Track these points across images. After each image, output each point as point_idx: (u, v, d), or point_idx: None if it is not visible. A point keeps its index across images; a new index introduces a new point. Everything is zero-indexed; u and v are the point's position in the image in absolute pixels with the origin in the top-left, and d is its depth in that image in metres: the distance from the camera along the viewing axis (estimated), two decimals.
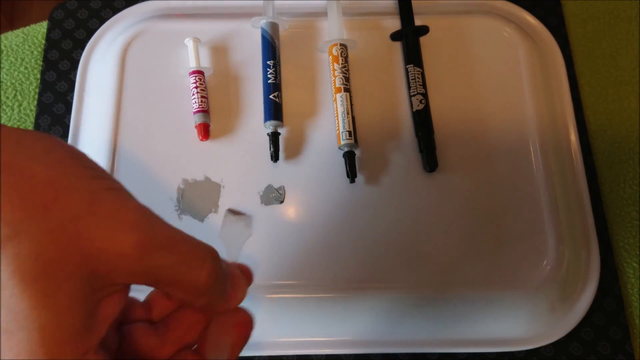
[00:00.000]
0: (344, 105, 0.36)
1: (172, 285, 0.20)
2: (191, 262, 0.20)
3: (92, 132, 0.37)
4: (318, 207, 0.35)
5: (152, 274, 0.19)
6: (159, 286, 0.21)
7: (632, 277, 0.36)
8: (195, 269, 0.20)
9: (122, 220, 0.19)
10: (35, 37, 0.42)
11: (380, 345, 0.33)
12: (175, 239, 0.20)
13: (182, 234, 0.21)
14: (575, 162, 0.37)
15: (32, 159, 0.18)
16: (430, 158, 0.35)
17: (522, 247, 0.34)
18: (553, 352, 0.34)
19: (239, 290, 0.23)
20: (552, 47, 0.40)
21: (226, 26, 0.39)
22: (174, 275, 0.20)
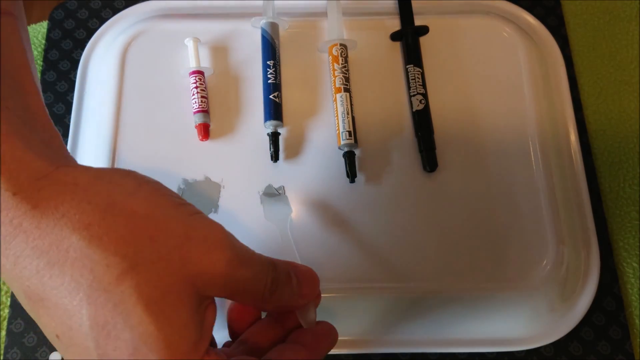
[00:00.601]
0: (344, 105, 0.36)
1: (245, 294, 0.23)
2: (261, 274, 0.23)
3: (92, 132, 0.37)
4: (318, 207, 0.35)
5: (234, 286, 0.22)
6: (236, 297, 0.23)
7: (632, 277, 0.36)
8: (264, 278, 0.23)
9: (214, 241, 0.21)
10: (35, 37, 0.42)
11: (380, 345, 0.33)
12: (249, 253, 0.23)
13: (250, 249, 0.23)
14: (575, 162, 0.37)
15: (128, 196, 0.20)
16: (430, 158, 0.35)
17: (522, 247, 0.34)
18: (553, 352, 0.34)
19: (305, 285, 0.25)
20: (552, 47, 0.40)
21: (226, 26, 0.39)
22: (249, 286, 0.22)
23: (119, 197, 0.20)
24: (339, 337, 0.33)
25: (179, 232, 0.20)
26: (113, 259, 0.19)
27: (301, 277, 0.25)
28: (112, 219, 0.19)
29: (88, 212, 0.19)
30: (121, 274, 0.19)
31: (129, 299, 0.18)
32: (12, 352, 0.33)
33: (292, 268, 0.25)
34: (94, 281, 0.18)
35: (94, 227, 0.19)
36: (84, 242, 0.19)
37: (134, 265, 0.19)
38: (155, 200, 0.21)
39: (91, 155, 0.36)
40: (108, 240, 0.19)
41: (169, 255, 0.20)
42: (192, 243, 0.20)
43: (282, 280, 0.24)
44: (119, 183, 0.21)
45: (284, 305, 0.24)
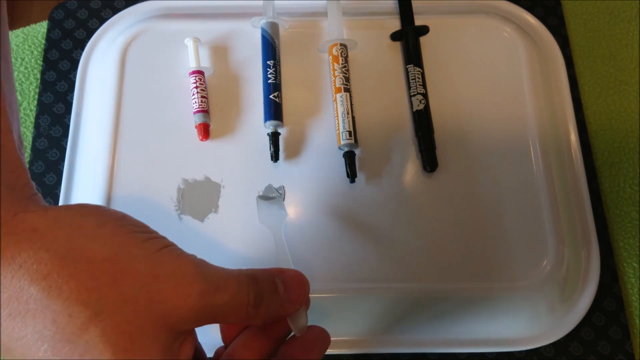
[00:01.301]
0: (344, 105, 0.36)
1: (227, 317, 0.22)
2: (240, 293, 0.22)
3: (92, 132, 0.37)
4: (318, 207, 0.35)
5: (213, 314, 0.21)
6: (217, 322, 0.22)
7: (632, 277, 0.36)
8: (244, 297, 0.22)
9: (182, 276, 0.20)
10: (35, 37, 0.42)
11: (380, 345, 0.33)
12: (224, 276, 0.22)
13: (226, 269, 0.23)
14: (575, 162, 0.37)
15: (88, 239, 0.20)
16: (430, 158, 0.35)
17: (522, 247, 0.34)
18: (553, 352, 0.34)
19: (293, 290, 0.24)
20: (552, 47, 0.40)
21: (226, 26, 0.39)
22: (229, 309, 0.22)
23: (79, 241, 0.19)
24: (340, 338, 0.33)
25: (144, 272, 0.20)
26: (75, 308, 0.18)
27: (289, 282, 0.24)
28: (72, 266, 0.19)
29: (46, 261, 0.18)
30: (85, 323, 0.18)
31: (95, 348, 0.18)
32: None
33: (278, 275, 0.24)
34: (57, 332, 0.18)
35: (52, 276, 0.18)
36: (43, 293, 0.18)
37: (97, 313, 0.18)
38: (118, 240, 0.20)
39: (91, 155, 0.36)
40: (68, 289, 0.18)
41: (135, 297, 0.19)
42: (159, 281, 0.20)
43: (266, 291, 0.23)
44: (79, 225, 0.20)
45: (274, 316, 0.23)
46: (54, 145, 0.38)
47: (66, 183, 0.36)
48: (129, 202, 0.35)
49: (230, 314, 0.22)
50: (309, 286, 0.25)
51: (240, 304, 0.22)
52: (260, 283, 0.23)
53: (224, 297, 0.21)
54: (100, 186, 0.35)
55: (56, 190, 0.37)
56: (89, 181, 0.35)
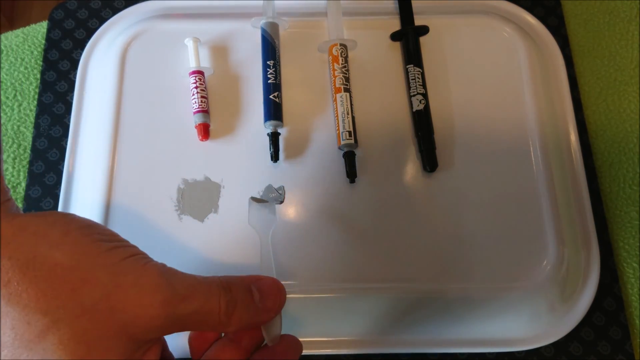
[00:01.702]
0: (344, 105, 0.36)
1: (198, 326, 0.22)
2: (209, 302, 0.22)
3: (92, 132, 0.37)
4: (318, 207, 0.35)
5: (180, 322, 0.21)
6: (187, 330, 0.22)
7: (632, 277, 0.36)
8: (214, 306, 0.22)
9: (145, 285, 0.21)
10: (35, 37, 0.42)
11: (380, 345, 0.33)
12: (192, 285, 0.22)
13: (195, 277, 0.23)
14: (575, 162, 0.37)
15: (51, 248, 0.20)
16: (430, 158, 0.35)
17: (522, 247, 0.34)
18: (553, 352, 0.34)
19: (269, 298, 0.24)
20: (552, 47, 0.40)
21: (226, 26, 0.39)
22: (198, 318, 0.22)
23: (42, 250, 0.20)
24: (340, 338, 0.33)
25: (105, 281, 0.20)
26: (33, 316, 0.18)
27: (265, 290, 0.24)
28: (32, 274, 0.19)
29: (7, 269, 0.19)
30: (42, 331, 0.18)
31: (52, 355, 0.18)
32: None
33: (254, 282, 0.24)
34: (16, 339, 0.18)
35: (12, 283, 0.19)
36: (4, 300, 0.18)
37: (55, 321, 0.19)
38: (81, 249, 0.20)
39: (91, 155, 0.36)
40: (27, 296, 0.19)
41: (95, 306, 0.19)
42: (121, 290, 0.20)
43: (239, 299, 0.23)
44: (44, 234, 0.20)
45: (248, 324, 0.23)
46: (54, 145, 0.38)
47: (66, 183, 0.36)
48: (129, 202, 0.35)
49: (200, 322, 0.22)
50: (285, 294, 0.25)
51: (211, 312, 0.22)
52: (234, 290, 0.23)
53: (191, 305, 0.21)
54: (100, 186, 0.35)
55: (56, 190, 0.37)
56: (89, 181, 0.35)
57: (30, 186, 0.37)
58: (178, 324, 0.21)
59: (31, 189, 0.37)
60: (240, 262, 0.33)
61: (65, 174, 0.36)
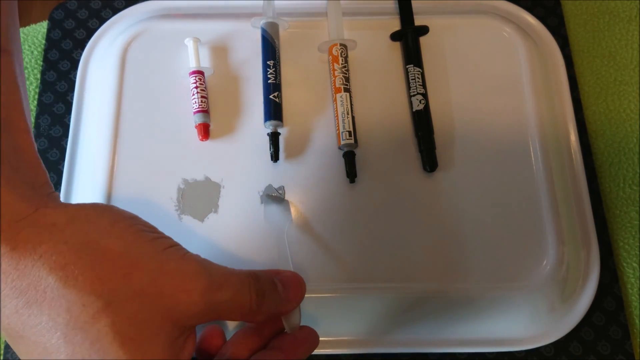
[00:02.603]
0: (344, 105, 0.36)
1: (231, 313, 0.23)
2: (242, 291, 0.23)
3: (92, 132, 0.37)
4: (318, 207, 0.35)
5: (216, 310, 0.22)
6: (221, 318, 0.23)
7: (632, 277, 0.36)
8: (246, 295, 0.23)
9: (187, 272, 0.22)
10: (35, 37, 0.42)
11: (380, 345, 0.33)
12: (226, 275, 0.23)
13: (228, 268, 0.24)
14: (575, 162, 0.37)
15: (103, 234, 0.21)
16: (430, 158, 0.35)
17: (522, 247, 0.34)
18: (553, 352, 0.34)
19: (291, 289, 0.26)
20: (552, 47, 0.40)
21: (226, 26, 0.39)
22: (232, 306, 0.23)
23: (95, 236, 0.21)
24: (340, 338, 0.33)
25: (152, 267, 0.21)
26: (88, 298, 0.19)
27: (286, 282, 0.26)
28: (87, 259, 0.20)
29: (64, 253, 0.20)
30: (97, 313, 0.19)
31: (105, 337, 0.19)
32: None
33: (275, 275, 0.26)
34: (71, 320, 0.19)
35: (70, 267, 0.20)
36: (60, 283, 0.19)
37: (109, 303, 0.19)
38: (129, 237, 0.22)
39: (91, 155, 0.36)
40: (83, 279, 0.19)
41: (143, 290, 0.20)
42: (166, 277, 0.21)
43: (267, 289, 0.24)
44: (95, 222, 0.21)
45: (273, 313, 0.25)
46: (54, 145, 0.38)
47: (66, 183, 0.36)
48: (129, 202, 0.35)
49: (233, 310, 0.23)
50: (305, 286, 0.26)
51: (243, 301, 0.23)
52: (262, 281, 0.24)
53: (227, 293, 0.22)
54: (100, 186, 0.35)
55: (56, 190, 0.37)
56: (89, 181, 0.35)
57: None
58: (215, 311, 0.22)
59: None
60: (241, 262, 0.33)
61: (65, 174, 0.36)
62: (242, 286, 0.23)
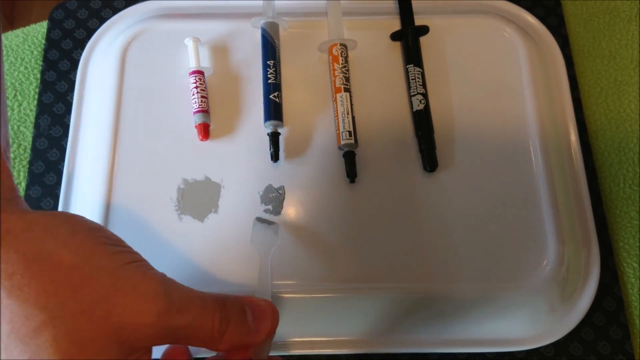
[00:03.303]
0: (344, 105, 0.36)
1: (190, 339, 0.22)
2: (204, 317, 0.22)
3: (92, 132, 0.37)
4: (318, 207, 0.35)
5: (173, 334, 0.21)
6: (179, 342, 0.22)
7: (632, 277, 0.36)
8: (208, 321, 0.22)
9: (144, 292, 0.21)
10: (35, 37, 0.42)
11: (380, 345, 0.33)
12: (189, 298, 0.22)
13: (193, 291, 0.23)
14: (575, 162, 0.37)
15: (58, 245, 0.20)
16: (430, 158, 0.35)
17: (522, 247, 0.34)
18: (553, 352, 0.34)
19: (262, 320, 0.24)
20: (552, 47, 0.40)
21: (226, 26, 0.39)
22: (192, 331, 0.22)
23: (49, 247, 0.20)
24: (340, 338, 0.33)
25: (106, 283, 0.20)
26: (32, 310, 0.19)
27: (258, 312, 0.24)
28: (36, 269, 0.19)
29: (13, 262, 0.19)
30: (39, 327, 0.18)
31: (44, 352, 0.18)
32: None
33: (247, 303, 0.25)
34: (12, 332, 0.18)
35: (16, 276, 0.19)
36: (5, 292, 0.19)
37: (52, 318, 0.19)
38: (86, 249, 0.21)
39: (91, 155, 0.36)
40: (29, 291, 0.19)
41: (92, 307, 0.20)
42: (119, 294, 0.20)
43: (233, 318, 0.23)
44: (52, 231, 0.21)
45: (239, 344, 0.24)
46: (54, 145, 0.38)
47: (66, 183, 0.36)
48: (129, 202, 0.35)
49: (193, 336, 0.22)
50: (277, 319, 0.25)
51: (205, 327, 0.22)
52: (229, 309, 0.23)
53: (186, 318, 0.21)
54: (100, 186, 0.35)
55: (56, 190, 0.37)
56: (89, 181, 0.35)
57: (30, 186, 0.37)
58: (171, 335, 0.21)
59: (31, 188, 0.37)
60: (241, 262, 0.33)
61: (65, 174, 0.36)
62: (205, 311, 0.22)
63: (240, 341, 0.23)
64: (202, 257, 0.33)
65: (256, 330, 0.24)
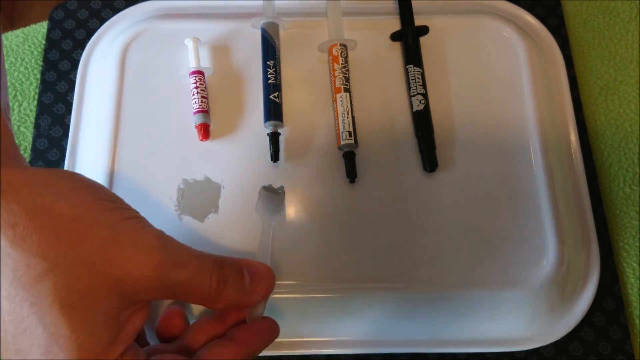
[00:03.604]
0: (344, 105, 0.36)
1: (188, 295, 0.23)
2: (201, 274, 0.23)
3: (92, 132, 0.37)
4: (318, 207, 0.35)
5: (171, 289, 0.22)
6: (176, 298, 0.23)
7: (632, 277, 0.36)
8: (205, 279, 0.23)
9: (142, 245, 0.21)
10: (35, 37, 0.42)
11: (380, 345, 0.33)
12: (187, 255, 0.23)
13: (191, 249, 0.23)
14: (575, 162, 0.37)
15: (59, 198, 0.21)
16: (430, 158, 0.35)
17: (522, 247, 0.34)
18: (553, 352, 0.34)
19: (259, 282, 0.25)
20: (552, 47, 0.40)
21: (226, 26, 0.39)
22: (189, 287, 0.22)
23: (50, 199, 0.20)
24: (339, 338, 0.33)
25: (105, 236, 0.21)
26: (34, 259, 0.19)
27: (255, 274, 0.25)
28: (38, 221, 0.20)
29: (15, 212, 0.20)
30: (40, 275, 0.19)
31: (45, 300, 0.19)
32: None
33: (245, 265, 0.25)
34: (14, 279, 0.19)
35: (19, 227, 0.19)
36: (7, 241, 0.19)
37: (53, 267, 0.19)
38: (87, 203, 0.21)
39: (91, 155, 0.36)
40: (31, 240, 0.19)
41: (91, 258, 0.20)
42: (118, 247, 0.21)
43: (231, 278, 0.24)
44: (53, 185, 0.21)
45: (235, 303, 0.24)
46: (54, 145, 0.38)
47: None
48: (129, 202, 0.34)
49: (190, 292, 0.23)
50: (274, 282, 0.26)
51: (202, 285, 0.23)
52: (226, 269, 0.24)
53: (184, 274, 0.22)
54: None
55: None
56: None
57: None
58: (168, 289, 0.22)
59: None
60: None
61: None
62: (203, 269, 0.23)
63: (236, 301, 0.24)
64: None
65: (252, 291, 0.25)
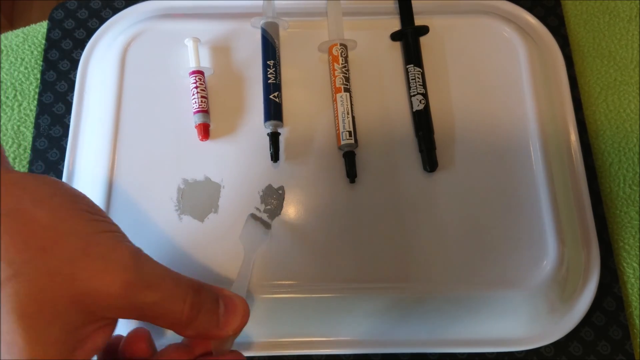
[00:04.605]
0: (344, 105, 0.36)
1: (157, 319, 0.22)
2: (174, 298, 0.22)
3: (92, 132, 0.37)
4: (318, 207, 0.35)
5: (139, 310, 0.21)
6: (145, 320, 0.22)
7: (632, 277, 0.36)
8: (178, 303, 0.22)
9: (113, 261, 0.21)
10: (35, 37, 0.42)
11: (380, 345, 0.33)
12: (161, 276, 0.22)
13: (167, 271, 0.22)
14: (575, 162, 0.37)
15: (35, 204, 0.20)
16: (430, 158, 0.35)
17: (522, 247, 0.34)
18: (553, 352, 0.34)
19: (233, 317, 0.24)
20: (552, 47, 0.40)
21: (226, 26, 0.39)
22: (159, 310, 0.21)
23: (26, 205, 0.20)
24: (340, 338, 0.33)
25: (76, 247, 0.20)
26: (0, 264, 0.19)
27: (231, 307, 0.24)
28: (9, 225, 0.19)
29: None
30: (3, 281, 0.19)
31: (4, 307, 0.19)
32: None
33: (222, 296, 0.24)
34: None
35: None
36: None
37: (17, 274, 0.19)
38: (63, 212, 0.21)
39: (91, 155, 0.36)
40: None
41: (58, 269, 0.19)
42: (87, 260, 0.20)
43: (205, 306, 0.23)
44: (32, 191, 0.21)
45: (205, 334, 0.23)
46: (54, 145, 0.38)
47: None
48: (129, 202, 0.35)
49: (160, 316, 0.22)
50: (247, 317, 0.25)
51: (174, 309, 0.22)
52: (203, 296, 0.23)
53: (154, 296, 0.21)
54: (100, 186, 0.35)
55: None
56: (89, 181, 0.35)
57: None
58: (137, 310, 0.21)
59: None
60: (241, 262, 0.33)
61: (65, 174, 0.36)
62: (176, 293, 0.22)
63: (207, 331, 0.23)
64: (202, 257, 0.33)
65: (225, 323, 0.24)
